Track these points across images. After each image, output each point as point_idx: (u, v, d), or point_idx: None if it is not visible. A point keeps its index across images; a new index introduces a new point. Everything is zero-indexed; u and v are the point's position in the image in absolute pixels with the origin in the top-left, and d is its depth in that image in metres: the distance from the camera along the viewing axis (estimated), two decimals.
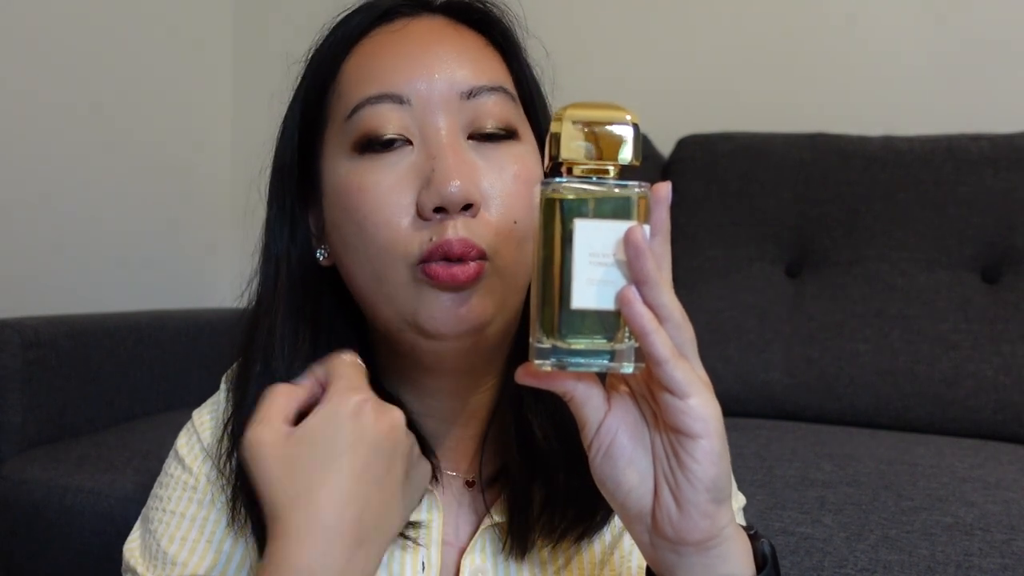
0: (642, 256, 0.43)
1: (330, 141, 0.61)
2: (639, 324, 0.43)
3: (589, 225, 0.43)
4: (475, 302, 0.56)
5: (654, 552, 0.48)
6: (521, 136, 0.60)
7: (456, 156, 0.56)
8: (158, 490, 0.67)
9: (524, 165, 0.59)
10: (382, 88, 0.58)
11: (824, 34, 1.67)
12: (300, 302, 0.62)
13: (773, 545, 0.52)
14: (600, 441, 0.47)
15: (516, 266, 0.57)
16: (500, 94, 0.59)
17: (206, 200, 2.01)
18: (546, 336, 0.44)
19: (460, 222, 0.55)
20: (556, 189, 0.44)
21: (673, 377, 0.44)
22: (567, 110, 0.45)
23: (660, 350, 0.43)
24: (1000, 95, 1.55)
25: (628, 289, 0.43)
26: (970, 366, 1.27)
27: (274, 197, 0.64)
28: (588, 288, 0.43)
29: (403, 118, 0.57)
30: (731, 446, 0.47)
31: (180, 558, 0.62)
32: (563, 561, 0.63)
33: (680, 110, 1.71)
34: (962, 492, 0.95)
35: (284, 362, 0.60)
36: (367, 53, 0.60)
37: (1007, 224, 1.34)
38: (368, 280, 0.58)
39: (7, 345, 1.23)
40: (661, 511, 0.46)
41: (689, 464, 0.45)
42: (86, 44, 1.71)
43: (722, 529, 0.46)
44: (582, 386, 0.47)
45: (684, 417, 0.44)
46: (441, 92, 0.57)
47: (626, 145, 0.44)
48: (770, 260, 1.45)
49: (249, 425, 0.53)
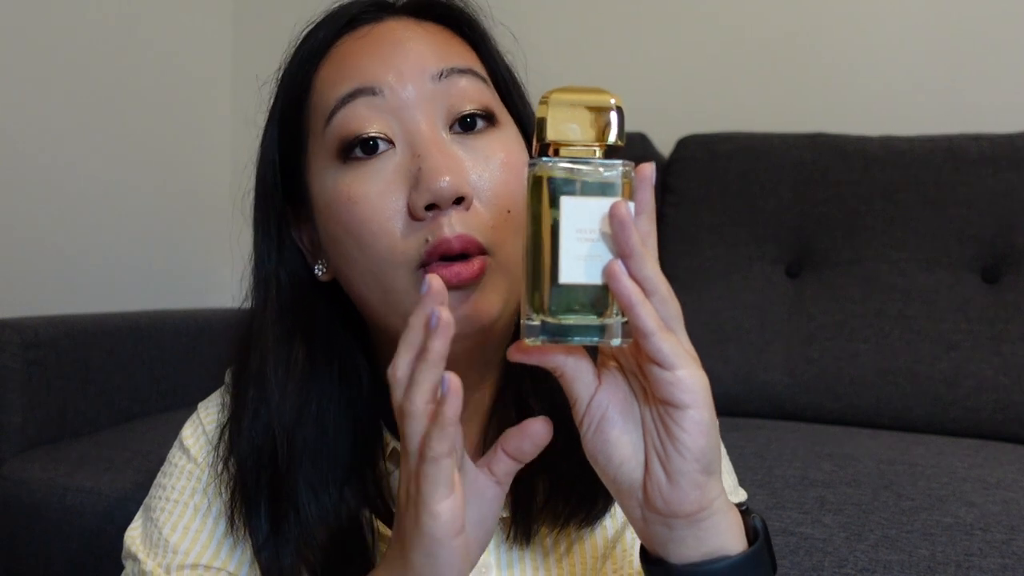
0: (627, 229, 0.44)
1: (313, 155, 0.60)
2: (625, 296, 0.44)
3: (576, 202, 0.44)
4: (480, 299, 0.56)
5: (646, 527, 0.49)
6: (501, 122, 0.60)
7: (441, 151, 0.56)
8: (161, 479, 0.67)
9: (509, 152, 0.59)
10: (354, 84, 0.58)
11: (824, 34, 1.67)
12: (292, 325, 0.62)
13: (764, 521, 0.52)
14: (591, 416, 0.48)
15: (517, 258, 0.57)
16: (471, 76, 0.59)
17: (206, 200, 2.01)
18: (536, 313, 0.45)
19: (454, 217, 0.55)
20: (543, 168, 0.45)
21: (660, 349, 0.44)
22: (553, 94, 0.46)
23: (646, 322, 0.44)
24: (1000, 95, 1.55)
25: (614, 263, 0.44)
26: (970, 366, 1.27)
27: (259, 223, 0.64)
28: (576, 263, 0.44)
29: (381, 115, 0.57)
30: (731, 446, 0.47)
31: (181, 546, 0.63)
32: (565, 548, 0.64)
33: (680, 110, 1.71)
34: (962, 492, 0.95)
35: (278, 387, 0.60)
36: (336, 59, 0.60)
37: (1007, 224, 1.34)
38: (373, 290, 0.58)
39: (7, 345, 1.22)
40: (652, 484, 0.47)
41: (678, 435, 0.45)
42: (86, 44, 1.71)
43: (712, 501, 0.47)
44: (572, 361, 0.48)
45: (672, 388, 0.45)
46: (413, 79, 0.57)
47: (611, 126, 0.46)
48: (770, 260, 1.45)
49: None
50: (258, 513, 0.60)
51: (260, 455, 0.61)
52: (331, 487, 0.60)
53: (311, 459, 0.60)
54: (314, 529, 0.59)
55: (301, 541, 0.59)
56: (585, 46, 1.82)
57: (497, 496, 0.49)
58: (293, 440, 0.60)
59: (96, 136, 1.74)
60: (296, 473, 0.59)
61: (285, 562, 0.59)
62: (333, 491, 0.60)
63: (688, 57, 1.77)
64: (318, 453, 0.60)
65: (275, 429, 0.60)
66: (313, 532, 0.59)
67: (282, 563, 0.59)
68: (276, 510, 0.60)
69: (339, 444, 0.61)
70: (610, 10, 1.82)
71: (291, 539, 0.59)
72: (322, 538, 0.59)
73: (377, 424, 0.64)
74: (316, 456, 0.60)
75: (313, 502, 0.59)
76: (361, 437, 0.62)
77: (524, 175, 0.46)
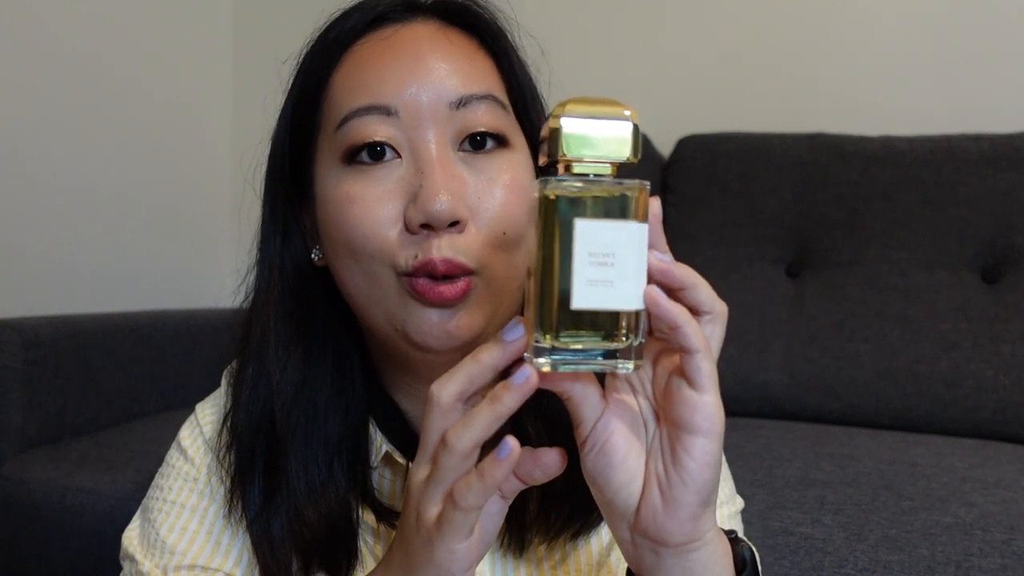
0: (668, 275, 0.44)
1: (321, 148, 0.60)
2: (672, 318, 0.43)
3: (589, 225, 0.42)
4: (463, 318, 0.56)
5: (634, 551, 0.48)
6: (512, 144, 0.60)
7: (444, 171, 0.56)
8: (159, 480, 0.67)
9: (515, 174, 0.58)
10: (370, 100, 0.57)
11: (824, 34, 1.67)
12: (293, 306, 0.62)
13: (754, 550, 0.52)
14: (595, 439, 0.47)
15: (506, 277, 0.57)
16: (490, 102, 0.59)
17: (206, 200, 2.01)
18: (544, 336, 0.43)
19: (445, 240, 0.55)
20: (554, 187, 0.43)
21: (700, 368, 0.44)
22: (564, 106, 0.43)
23: (694, 341, 0.44)
24: (1000, 95, 1.55)
25: (652, 289, 0.43)
26: (970, 366, 1.27)
27: (267, 197, 0.64)
28: (588, 288, 0.42)
29: (391, 130, 0.57)
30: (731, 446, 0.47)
31: (179, 547, 0.63)
32: (559, 557, 0.63)
33: (680, 110, 1.71)
34: (962, 492, 0.95)
35: (278, 365, 0.61)
36: (357, 62, 0.60)
37: (1007, 224, 1.34)
38: (358, 284, 0.58)
39: (7, 345, 1.23)
40: (646, 509, 0.46)
41: (685, 462, 0.45)
42: (86, 44, 1.71)
43: (704, 533, 0.47)
44: (579, 386, 0.47)
45: (694, 412, 0.44)
46: (430, 104, 0.57)
47: (625, 142, 0.43)
48: (770, 260, 1.45)
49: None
50: (252, 485, 0.61)
51: (257, 428, 0.61)
52: (321, 465, 0.61)
53: (303, 436, 0.61)
54: (303, 503, 0.60)
55: (291, 514, 0.60)
56: (585, 46, 1.82)
57: (501, 510, 0.49)
58: (289, 415, 0.61)
59: (96, 136, 1.73)
60: (289, 447, 0.60)
61: (275, 534, 0.60)
62: (323, 468, 0.61)
63: (688, 57, 1.77)
64: (310, 432, 0.61)
65: (273, 403, 0.61)
66: (302, 507, 0.60)
67: (272, 535, 0.60)
68: (269, 482, 0.61)
69: (329, 426, 0.62)
70: (610, 11, 1.82)
71: (281, 511, 0.60)
72: (311, 516, 0.60)
73: (367, 420, 0.64)
74: (308, 435, 0.61)
75: (303, 477, 0.60)
76: (351, 425, 0.63)
77: (529, 196, 0.45)
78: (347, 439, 0.62)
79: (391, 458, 0.64)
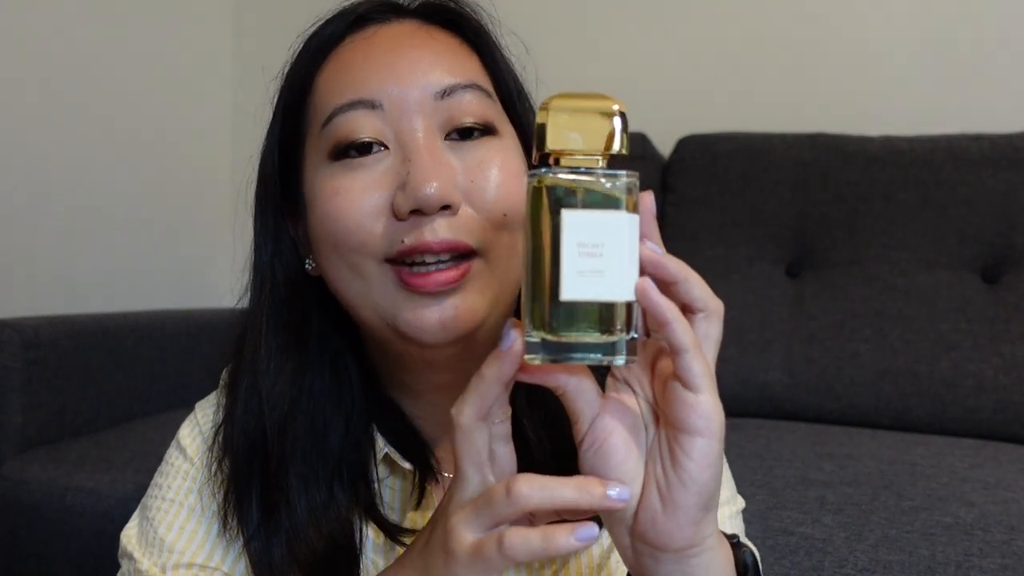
0: (660, 267, 0.43)
1: (309, 152, 0.60)
2: (660, 313, 0.43)
3: (578, 216, 0.42)
4: (462, 306, 0.55)
5: (634, 557, 0.47)
6: (500, 132, 0.59)
7: (432, 157, 0.55)
8: (158, 478, 0.67)
9: (506, 158, 0.58)
10: (354, 95, 0.57)
11: (824, 34, 1.67)
12: (285, 318, 0.62)
13: (756, 554, 0.51)
14: (593, 438, 0.46)
15: (509, 259, 0.57)
16: (475, 91, 0.58)
17: (206, 200, 2.01)
18: (536, 329, 0.43)
19: (439, 223, 0.54)
20: (543, 179, 0.43)
21: (690, 368, 0.43)
22: (553, 100, 0.44)
23: (682, 339, 0.43)
24: (1000, 95, 1.55)
25: (643, 280, 0.43)
26: (970, 366, 1.27)
27: (259, 211, 0.64)
28: (578, 279, 0.42)
29: (377, 123, 0.57)
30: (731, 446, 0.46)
31: (177, 546, 0.62)
32: (560, 561, 0.63)
33: (680, 110, 1.71)
34: (962, 492, 0.94)
35: (270, 378, 0.61)
36: (340, 62, 0.60)
37: (1007, 224, 1.34)
38: (345, 279, 0.58)
39: (7, 345, 1.23)
40: (645, 513, 0.45)
41: (684, 463, 0.44)
42: (86, 45, 1.71)
43: (705, 539, 0.46)
44: (574, 380, 0.46)
45: (690, 412, 0.44)
46: (415, 95, 0.57)
47: (614, 134, 0.43)
48: (770, 260, 1.45)
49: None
50: (249, 503, 0.60)
51: (252, 444, 0.61)
52: (321, 483, 0.60)
53: (302, 453, 0.60)
54: (304, 524, 0.59)
55: (292, 535, 0.59)
56: (585, 46, 1.82)
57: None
58: (284, 432, 0.60)
59: (96, 137, 1.74)
60: (288, 465, 0.60)
61: (275, 555, 0.59)
62: (323, 487, 0.60)
63: (688, 57, 1.77)
64: (309, 447, 0.60)
65: (267, 419, 0.60)
66: (303, 528, 0.59)
67: (272, 556, 0.59)
68: (267, 501, 0.60)
69: (329, 441, 0.61)
70: (610, 10, 1.82)
71: (281, 531, 0.59)
72: (312, 536, 0.59)
73: (369, 427, 0.63)
74: (307, 450, 0.60)
75: (303, 496, 0.59)
76: (352, 437, 0.62)
77: (523, 183, 0.45)
78: (348, 452, 0.61)
79: (395, 465, 0.64)
